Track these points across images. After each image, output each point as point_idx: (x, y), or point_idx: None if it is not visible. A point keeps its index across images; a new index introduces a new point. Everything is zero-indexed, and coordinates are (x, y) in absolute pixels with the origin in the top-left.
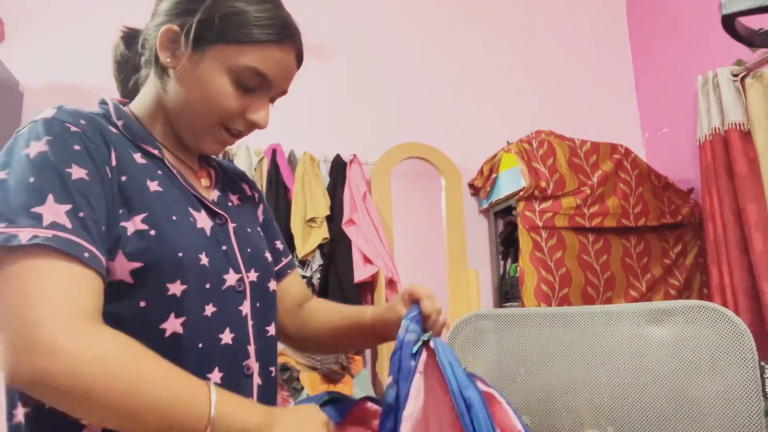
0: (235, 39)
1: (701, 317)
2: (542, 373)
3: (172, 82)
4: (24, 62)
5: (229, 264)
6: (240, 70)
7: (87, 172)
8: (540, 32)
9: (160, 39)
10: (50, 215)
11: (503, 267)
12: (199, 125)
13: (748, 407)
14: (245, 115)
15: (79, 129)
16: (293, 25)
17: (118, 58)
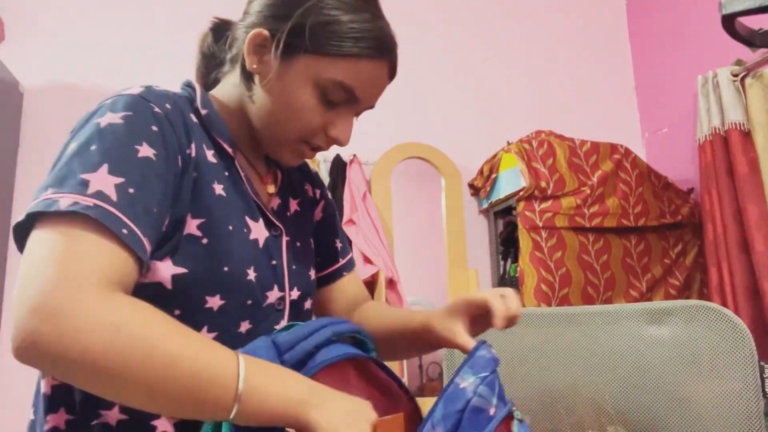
0: (326, 50)
1: (701, 317)
2: (542, 373)
3: (257, 88)
4: (24, 62)
5: (275, 281)
6: (326, 84)
7: (155, 153)
8: (540, 32)
9: (248, 43)
10: (97, 184)
11: (503, 267)
12: (281, 137)
13: (748, 407)
14: (327, 131)
15: (161, 111)
16: (391, 38)
17: (205, 49)
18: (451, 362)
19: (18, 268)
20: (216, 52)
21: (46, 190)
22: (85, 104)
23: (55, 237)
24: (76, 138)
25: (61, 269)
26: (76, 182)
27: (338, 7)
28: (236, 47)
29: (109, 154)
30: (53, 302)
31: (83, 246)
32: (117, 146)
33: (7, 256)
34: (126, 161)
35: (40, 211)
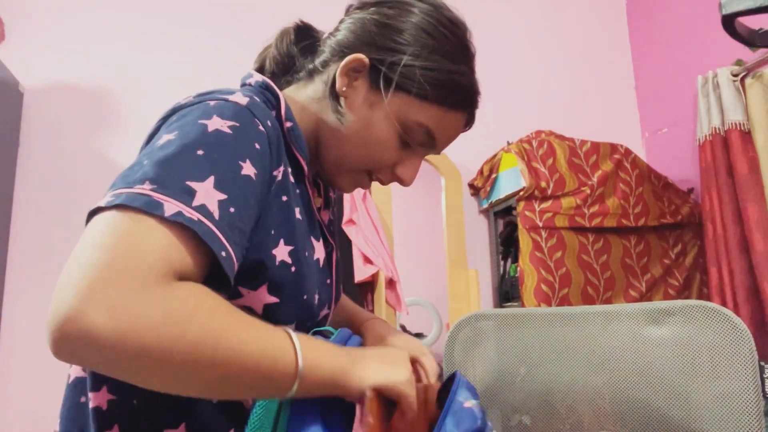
0: (421, 94)
1: (701, 317)
2: (542, 373)
3: (341, 111)
4: (24, 62)
5: (328, 300)
6: (412, 126)
7: (256, 173)
8: (540, 32)
9: (345, 64)
10: (203, 197)
11: (503, 267)
12: (348, 164)
13: (748, 407)
14: (394, 169)
15: (264, 130)
16: (477, 95)
17: (283, 48)
18: (450, 362)
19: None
20: (294, 54)
21: (143, 182)
22: (85, 104)
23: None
24: (176, 132)
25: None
26: (181, 188)
27: (444, 55)
28: (321, 60)
29: (217, 166)
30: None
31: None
32: (225, 159)
33: (8, 257)
34: (231, 177)
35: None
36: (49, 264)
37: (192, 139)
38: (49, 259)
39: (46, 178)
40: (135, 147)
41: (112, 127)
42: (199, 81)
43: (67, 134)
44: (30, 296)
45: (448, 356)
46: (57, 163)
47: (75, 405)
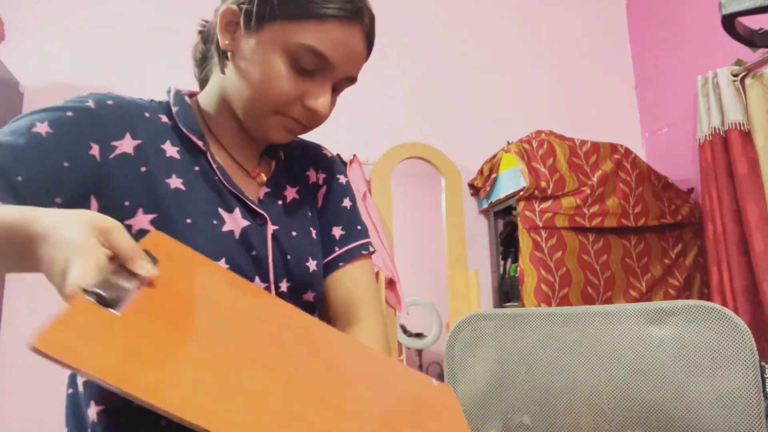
0: (293, 15)
1: (701, 317)
2: (542, 373)
3: (230, 67)
4: (24, 62)
5: (257, 271)
6: (295, 50)
7: (49, 132)
8: (540, 32)
9: (219, 21)
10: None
11: (503, 267)
12: (257, 112)
13: (749, 407)
14: (303, 101)
15: (93, 105)
16: (361, 1)
17: (198, 56)
18: (451, 362)
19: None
20: (206, 52)
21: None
22: None
23: None
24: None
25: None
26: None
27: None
28: (213, 34)
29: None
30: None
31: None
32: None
33: None
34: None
35: None
36: None
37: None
38: None
39: None
40: None
41: None
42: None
43: None
44: (30, 296)
45: (449, 356)
46: None
47: (68, 396)
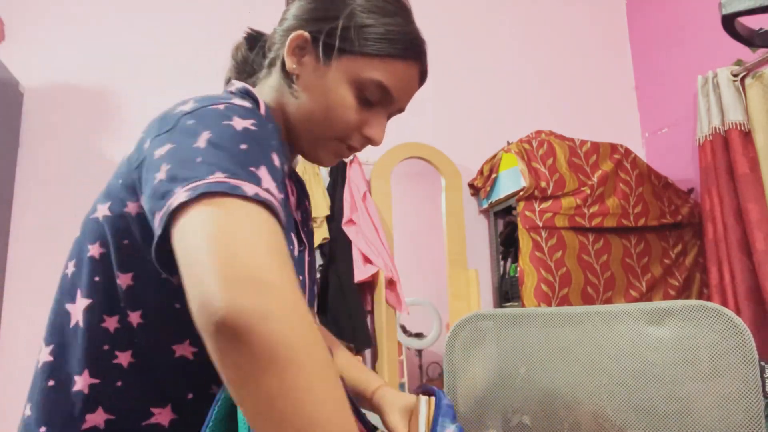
0: (364, 51)
1: (701, 317)
2: (542, 373)
3: (296, 90)
4: (24, 62)
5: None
6: (365, 83)
7: (280, 166)
8: (540, 32)
9: (289, 44)
10: (266, 181)
11: (503, 267)
12: (320, 136)
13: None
14: (362, 130)
15: (273, 125)
16: (422, 42)
17: (239, 58)
18: (451, 362)
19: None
20: (250, 59)
21: (212, 172)
22: (85, 104)
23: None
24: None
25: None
26: (248, 174)
27: (374, 11)
28: (274, 51)
29: (262, 157)
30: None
31: (276, 238)
32: (263, 151)
33: (7, 257)
34: (273, 168)
35: (222, 191)
36: (49, 264)
37: (229, 135)
38: (49, 259)
39: (46, 178)
40: None
41: (112, 127)
42: (199, 81)
43: (67, 134)
44: (30, 296)
45: (449, 356)
46: (57, 163)
47: (45, 389)
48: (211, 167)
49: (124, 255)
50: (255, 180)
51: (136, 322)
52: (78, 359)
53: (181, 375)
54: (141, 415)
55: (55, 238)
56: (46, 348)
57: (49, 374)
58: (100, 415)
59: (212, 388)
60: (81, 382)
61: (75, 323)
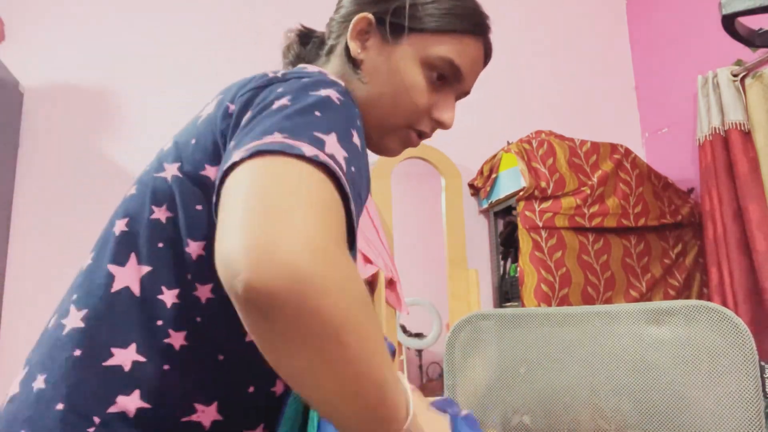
0: (432, 28)
1: (701, 317)
2: (542, 373)
3: (362, 75)
4: (24, 62)
5: None
6: (434, 62)
7: (360, 147)
8: (540, 32)
9: (353, 28)
10: (331, 147)
11: (503, 267)
12: (391, 123)
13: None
14: (431, 114)
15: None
16: (487, 18)
17: (292, 57)
18: (451, 362)
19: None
20: (303, 55)
21: (272, 134)
22: (85, 104)
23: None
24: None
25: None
26: (310, 137)
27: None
28: (332, 39)
29: (335, 125)
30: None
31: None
32: (341, 122)
33: (7, 257)
34: (348, 139)
35: (277, 150)
36: (49, 264)
37: (307, 102)
38: (49, 259)
39: (46, 178)
40: (135, 147)
41: (112, 127)
42: (199, 81)
43: (67, 134)
44: (30, 296)
45: (449, 356)
46: (57, 163)
47: (69, 359)
48: (270, 128)
49: (197, 221)
50: (318, 144)
51: (205, 297)
52: (122, 330)
53: (246, 365)
54: (181, 410)
55: (55, 238)
56: (78, 312)
57: (77, 342)
58: (134, 400)
59: (276, 384)
60: (122, 356)
61: (121, 289)
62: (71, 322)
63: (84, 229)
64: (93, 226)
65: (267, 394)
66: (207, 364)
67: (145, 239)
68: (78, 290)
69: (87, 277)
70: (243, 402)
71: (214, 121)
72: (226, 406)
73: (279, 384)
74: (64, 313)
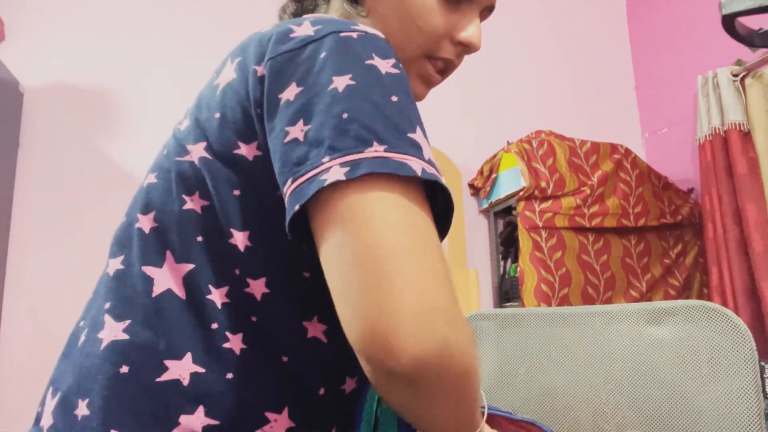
0: None
1: (701, 317)
2: (542, 373)
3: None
4: (24, 62)
5: None
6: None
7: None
8: (540, 32)
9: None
10: (426, 148)
11: (503, 267)
12: (405, 57)
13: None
14: (452, 36)
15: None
16: None
17: (291, 11)
18: None
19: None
20: (301, 8)
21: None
22: (85, 104)
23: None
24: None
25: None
26: (409, 142)
27: None
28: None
29: (414, 113)
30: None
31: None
32: (413, 104)
33: (7, 257)
34: (422, 123)
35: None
36: (50, 264)
37: (376, 83)
38: (49, 259)
39: (46, 178)
40: (135, 147)
41: (112, 127)
42: (199, 81)
43: (67, 134)
44: (30, 296)
45: None
46: (57, 163)
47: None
48: (364, 134)
49: (237, 209)
50: (417, 151)
51: (260, 293)
52: (172, 339)
53: (313, 363)
54: (253, 422)
55: (55, 238)
56: (117, 323)
57: (121, 358)
58: (199, 417)
59: (346, 382)
60: (177, 368)
61: (163, 292)
62: (109, 335)
63: (84, 229)
64: (93, 226)
65: (337, 395)
66: (271, 368)
67: (180, 234)
68: (111, 298)
69: (120, 283)
70: (315, 405)
71: (240, 89)
72: (298, 411)
73: (349, 381)
74: (96, 325)
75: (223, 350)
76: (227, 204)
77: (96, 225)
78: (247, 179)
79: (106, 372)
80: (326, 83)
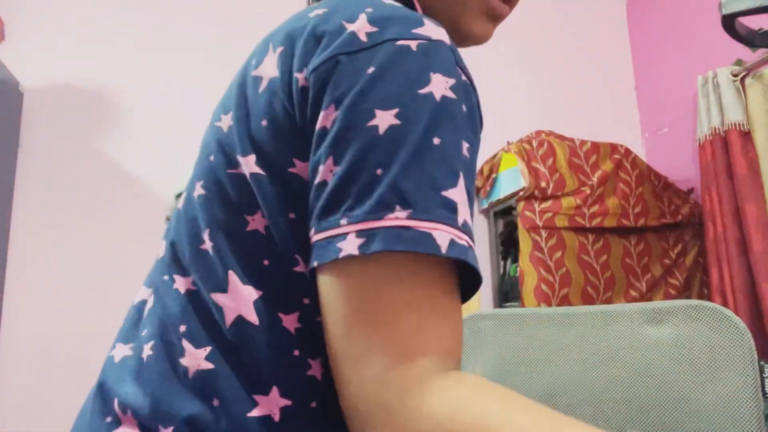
0: None
1: (701, 317)
2: (542, 373)
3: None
4: (24, 62)
5: None
6: None
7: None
8: (540, 32)
9: None
10: (462, 209)
11: (503, 267)
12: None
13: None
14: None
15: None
16: None
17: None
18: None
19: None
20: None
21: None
22: (85, 104)
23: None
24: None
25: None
26: (441, 204)
27: None
28: None
29: (459, 157)
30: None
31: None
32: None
33: (8, 257)
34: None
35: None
36: (49, 264)
37: (424, 120)
38: (49, 260)
39: (46, 178)
40: (135, 147)
41: (112, 127)
42: (200, 80)
43: (67, 134)
44: (30, 296)
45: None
46: (57, 163)
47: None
48: (388, 196)
49: (296, 234)
50: (449, 214)
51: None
52: (256, 371)
53: None
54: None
55: (55, 238)
56: (197, 349)
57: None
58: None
59: None
60: (267, 404)
61: (235, 319)
62: (192, 363)
63: (84, 228)
64: (93, 226)
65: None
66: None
67: (245, 256)
68: (187, 321)
69: (194, 306)
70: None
71: (284, 97)
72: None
73: None
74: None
75: (307, 378)
76: (285, 228)
77: (96, 225)
78: (298, 202)
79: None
80: (366, 116)
